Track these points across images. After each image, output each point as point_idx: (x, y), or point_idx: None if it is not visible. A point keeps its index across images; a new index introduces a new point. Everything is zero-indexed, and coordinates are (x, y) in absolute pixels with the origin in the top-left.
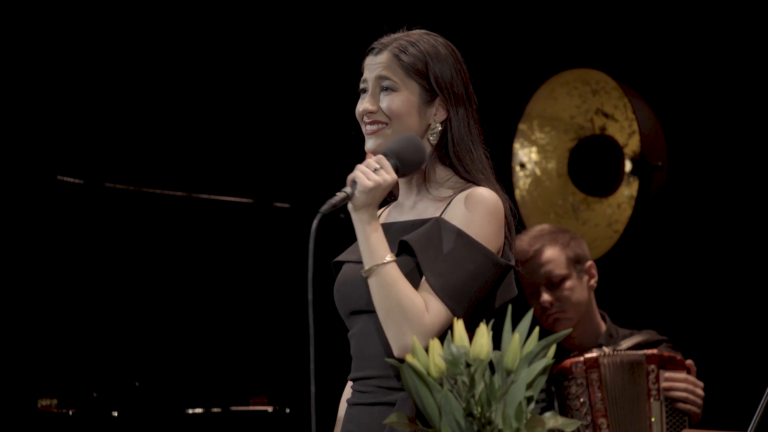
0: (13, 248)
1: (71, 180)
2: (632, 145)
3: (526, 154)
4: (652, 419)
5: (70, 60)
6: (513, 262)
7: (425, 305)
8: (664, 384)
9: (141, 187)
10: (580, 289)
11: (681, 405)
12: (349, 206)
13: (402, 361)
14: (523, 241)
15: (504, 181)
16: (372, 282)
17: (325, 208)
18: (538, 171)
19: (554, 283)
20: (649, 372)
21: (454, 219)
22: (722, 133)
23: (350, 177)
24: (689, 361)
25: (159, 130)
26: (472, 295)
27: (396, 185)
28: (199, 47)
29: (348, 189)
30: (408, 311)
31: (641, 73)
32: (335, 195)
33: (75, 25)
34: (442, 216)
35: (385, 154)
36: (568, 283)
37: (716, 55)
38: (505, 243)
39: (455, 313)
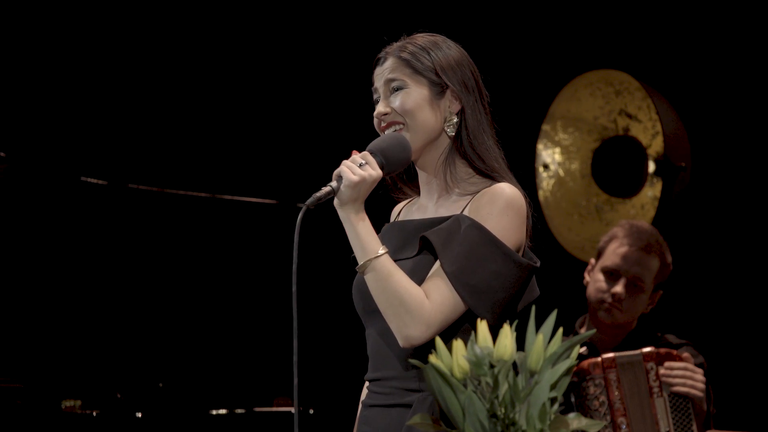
0: (38, 249)
1: (95, 181)
2: (656, 145)
3: (549, 155)
4: (658, 416)
5: (95, 63)
6: (536, 263)
7: (426, 293)
8: (662, 372)
9: (164, 188)
10: (642, 306)
11: (681, 389)
12: (336, 202)
13: (420, 359)
14: (650, 229)
15: (527, 182)
16: (369, 277)
17: (310, 201)
18: (561, 172)
19: (636, 287)
20: (648, 370)
21: (475, 215)
22: (746, 134)
23: (336, 172)
24: (685, 355)
25: (182, 132)
26: (494, 295)
27: (417, 187)
28: (225, 51)
29: (333, 183)
30: (407, 302)
31: (664, 73)
32: (321, 189)
33: (100, 27)
34: (463, 213)
35: (370, 152)
36: (642, 297)
37: (739, 56)
38: (526, 241)
39: (478, 312)
